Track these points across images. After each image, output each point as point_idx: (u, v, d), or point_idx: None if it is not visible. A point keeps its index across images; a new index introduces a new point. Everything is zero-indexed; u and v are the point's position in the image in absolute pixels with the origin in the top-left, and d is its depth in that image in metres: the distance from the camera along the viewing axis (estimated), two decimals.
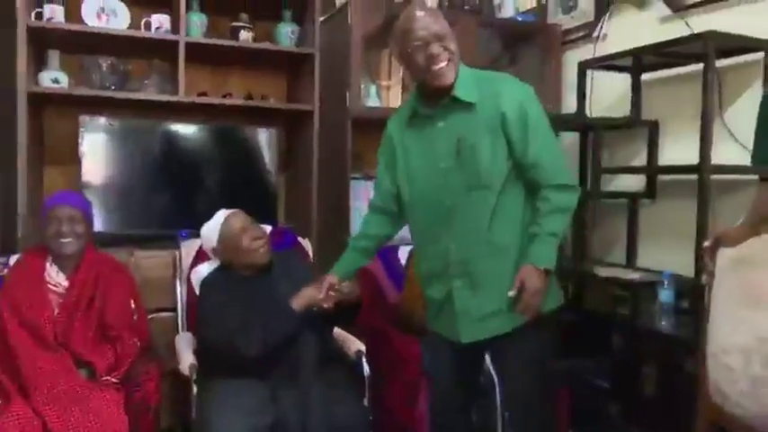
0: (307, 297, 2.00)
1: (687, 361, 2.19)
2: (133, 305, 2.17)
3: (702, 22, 2.57)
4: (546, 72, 3.32)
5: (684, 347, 2.21)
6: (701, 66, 2.34)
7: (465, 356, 1.86)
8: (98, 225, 2.51)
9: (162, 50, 2.76)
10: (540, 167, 1.71)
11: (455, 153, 1.74)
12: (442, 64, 1.69)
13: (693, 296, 2.37)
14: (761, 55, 2.36)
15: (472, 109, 1.73)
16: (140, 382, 1.96)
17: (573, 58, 3.26)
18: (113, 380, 1.94)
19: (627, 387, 2.54)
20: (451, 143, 1.75)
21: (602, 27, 3.08)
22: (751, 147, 2.29)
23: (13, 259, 2.26)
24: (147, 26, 2.67)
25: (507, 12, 3.32)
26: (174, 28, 2.68)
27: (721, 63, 2.44)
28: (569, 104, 3.15)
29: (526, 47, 3.48)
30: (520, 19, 3.31)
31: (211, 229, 2.23)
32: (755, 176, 1.77)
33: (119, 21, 2.65)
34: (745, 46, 2.35)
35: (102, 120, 2.70)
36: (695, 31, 2.54)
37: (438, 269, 1.83)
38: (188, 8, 2.70)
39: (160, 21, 2.67)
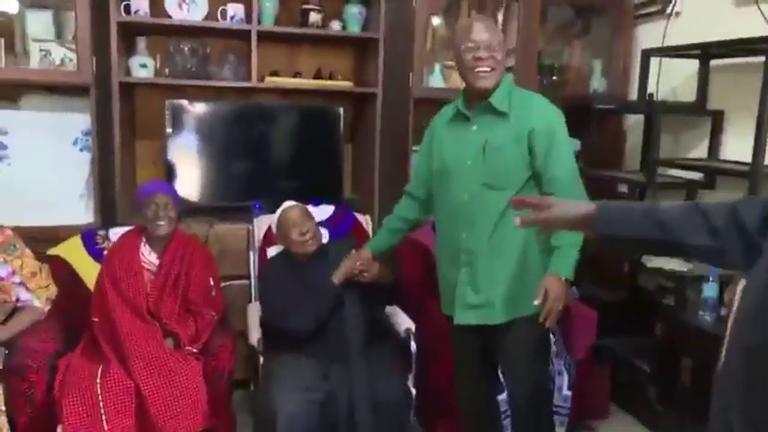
0: (343, 270, 2.28)
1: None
2: (212, 282, 2.48)
3: None
4: (616, 47, 3.29)
5: (721, 345, 2.31)
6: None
7: (475, 336, 2.07)
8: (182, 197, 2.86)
9: (237, 35, 2.97)
10: (558, 183, 1.87)
11: (481, 153, 1.93)
12: (486, 68, 1.89)
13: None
14: None
15: (504, 117, 1.92)
16: (217, 353, 2.29)
17: (645, 32, 3.22)
18: (194, 350, 2.27)
19: (665, 373, 2.67)
20: (480, 144, 1.94)
21: (674, 4, 3.01)
22: None
23: (111, 231, 2.64)
24: (224, 14, 2.87)
25: None
26: (248, 15, 2.87)
27: None
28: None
29: (598, 18, 3.44)
30: None
31: (274, 218, 2.50)
32: None
33: (198, 9, 2.86)
34: None
35: (185, 102, 2.96)
36: None
37: (451, 254, 2.05)
38: None
39: (235, 9, 2.86)
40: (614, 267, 3.08)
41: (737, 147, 2.68)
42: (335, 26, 3.09)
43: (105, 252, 2.56)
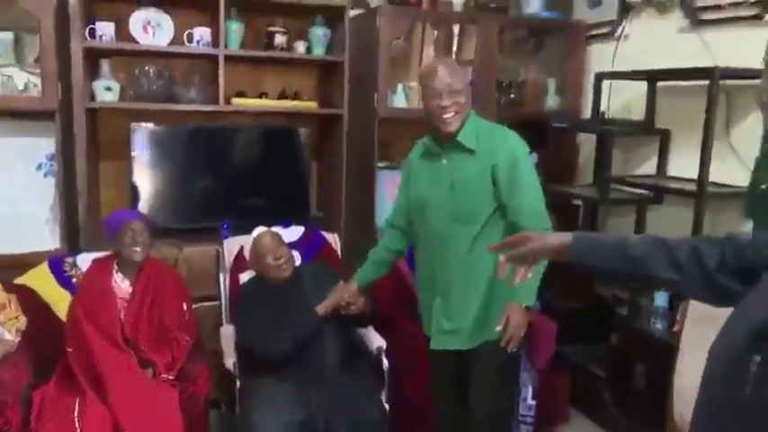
0: (329, 302, 2.35)
1: (672, 365, 2.46)
2: (185, 307, 2.51)
3: (716, 38, 2.68)
4: (568, 66, 3.44)
5: (671, 352, 2.48)
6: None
7: (450, 360, 2.17)
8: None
9: (203, 57, 3.00)
10: (523, 213, 1.97)
11: (449, 188, 2.03)
12: (450, 114, 1.99)
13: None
14: None
15: (472, 154, 2.02)
16: (193, 379, 2.33)
17: (596, 52, 3.39)
18: (170, 377, 2.30)
19: (620, 379, 2.83)
20: (448, 180, 2.04)
21: (624, 28, 3.18)
22: (751, 166, 2.50)
23: (79, 259, 2.63)
24: (190, 38, 2.89)
25: (533, 7, 3.41)
26: (215, 39, 2.90)
27: (731, 82, 2.58)
28: (592, 97, 3.24)
29: (551, 38, 3.59)
30: (544, 15, 3.41)
31: (247, 244, 2.56)
32: None
33: (164, 33, 2.87)
34: (751, 76, 2.47)
35: (151, 125, 2.97)
36: (708, 45, 2.68)
37: (427, 282, 2.16)
38: (227, 14, 2.90)
39: (201, 33, 2.89)
40: (572, 279, 3.23)
41: (683, 163, 2.85)
42: (300, 47, 3.14)
43: (74, 280, 2.56)
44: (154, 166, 3.02)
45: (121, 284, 2.44)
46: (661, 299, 2.69)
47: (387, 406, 2.42)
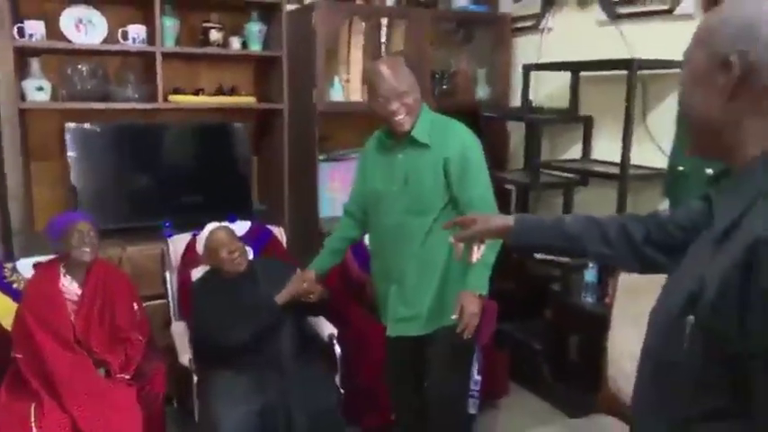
0: (289, 291, 2.42)
1: (603, 334, 2.67)
2: (136, 306, 2.51)
3: (634, 30, 2.89)
4: (496, 57, 3.61)
5: (602, 322, 2.68)
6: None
7: (407, 346, 2.28)
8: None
9: (137, 54, 2.97)
10: (473, 205, 2.07)
11: (404, 181, 2.12)
12: (401, 116, 2.06)
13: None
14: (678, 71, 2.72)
15: (425, 148, 2.10)
16: (150, 377, 2.35)
17: (522, 44, 3.56)
18: (126, 377, 2.31)
19: (556, 351, 3.04)
20: (403, 173, 2.12)
21: (547, 21, 3.37)
22: (667, 149, 2.73)
23: (19, 264, 2.58)
24: (125, 36, 2.86)
25: (461, 1, 3.55)
26: (150, 36, 2.88)
27: (648, 72, 2.79)
28: (519, 86, 3.38)
29: (479, 29, 3.74)
30: (472, 8, 3.55)
31: (200, 240, 2.58)
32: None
33: (96, 31, 2.83)
34: (665, 66, 2.69)
35: (86, 125, 2.92)
36: (626, 37, 2.89)
37: (383, 271, 2.26)
38: (161, 11, 2.88)
39: (137, 31, 2.86)
40: (506, 259, 3.41)
41: (606, 148, 3.07)
42: (236, 43, 3.16)
43: (15, 285, 2.52)
44: (91, 166, 2.97)
45: (70, 287, 2.41)
46: (590, 275, 2.90)
47: (342, 391, 2.52)
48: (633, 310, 1.99)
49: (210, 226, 2.60)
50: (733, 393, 0.83)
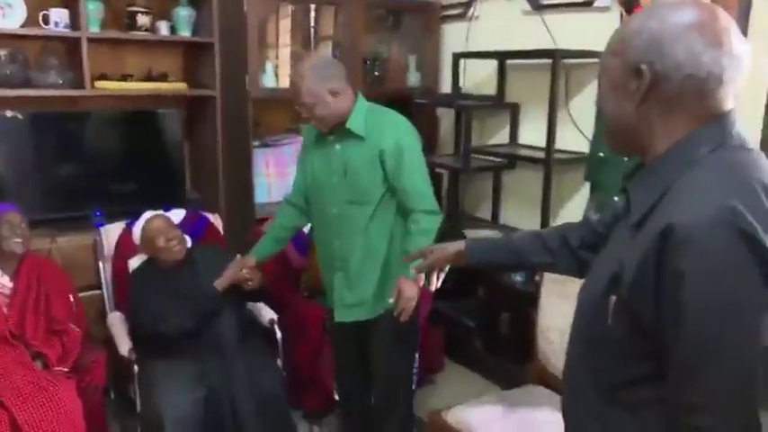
0: (227, 276, 2.43)
1: (532, 310, 2.83)
2: (72, 298, 2.47)
3: (556, 20, 3.04)
4: (426, 45, 3.70)
5: (530, 299, 2.84)
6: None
7: (353, 331, 2.36)
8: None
9: (60, 39, 2.87)
10: (410, 194, 2.15)
11: (343, 173, 2.17)
12: (314, 122, 2.15)
13: None
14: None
15: (361, 139, 2.15)
16: (90, 368, 2.32)
17: (451, 31, 3.67)
18: (65, 369, 2.28)
19: (488, 327, 3.19)
20: (342, 164, 2.17)
21: (474, 9, 3.48)
22: (588, 134, 2.90)
23: None
24: (46, 20, 2.76)
25: None
26: (74, 20, 2.79)
27: (570, 61, 2.95)
28: (449, 73, 3.49)
29: (409, 16, 3.82)
30: None
31: (137, 229, 2.55)
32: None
33: (15, 14, 2.71)
34: (586, 56, 2.85)
35: (8, 113, 2.81)
36: (549, 27, 3.03)
37: (327, 259, 2.32)
38: None
39: (59, 15, 2.76)
40: (439, 240, 3.53)
41: (532, 133, 3.22)
42: (164, 27, 3.10)
43: None
44: (15, 156, 2.87)
45: (1, 279, 2.34)
46: None
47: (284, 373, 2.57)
48: (559, 287, 2.15)
49: (147, 214, 2.58)
50: (654, 361, 0.94)
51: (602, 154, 2.63)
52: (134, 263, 2.63)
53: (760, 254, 0.84)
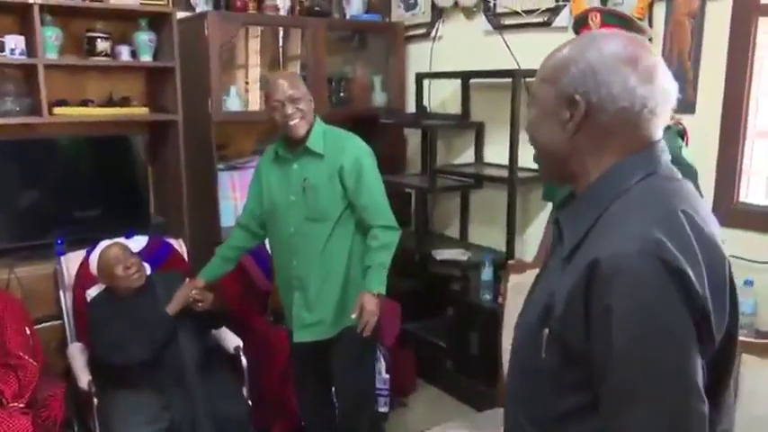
0: (177, 300, 2.42)
1: (499, 330, 2.84)
2: (28, 330, 2.42)
3: (517, 39, 3.09)
4: (391, 64, 3.72)
5: (498, 319, 2.85)
6: None
7: (312, 351, 2.35)
8: None
9: (17, 65, 2.85)
10: (369, 210, 2.21)
11: (302, 191, 2.20)
12: (295, 120, 2.17)
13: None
14: None
15: (320, 158, 2.20)
16: (47, 403, 2.28)
17: (415, 51, 3.70)
18: (20, 405, 2.23)
19: (458, 347, 3.19)
20: (300, 182, 2.21)
21: (437, 29, 3.52)
22: None
23: None
24: (1, 46, 2.73)
25: (355, 9, 3.65)
26: (30, 47, 2.76)
27: (531, 79, 2.98)
28: (413, 92, 3.56)
29: (373, 36, 3.85)
30: (365, 17, 3.66)
31: (93, 259, 2.52)
32: None
33: None
34: None
35: None
36: (510, 49, 3.08)
37: (285, 280, 2.33)
38: (41, 21, 2.76)
39: (15, 41, 2.74)
40: (409, 261, 3.54)
41: (497, 152, 3.25)
42: (125, 53, 3.08)
43: None
44: None
45: None
46: (486, 274, 3.07)
47: (249, 402, 2.54)
48: (521, 306, 2.15)
49: (103, 243, 2.56)
50: (588, 393, 0.93)
51: None
52: (92, 292, 2.59)
53: (686, 290, 0.85)
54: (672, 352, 0.85)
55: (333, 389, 2.48)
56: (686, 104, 2.43)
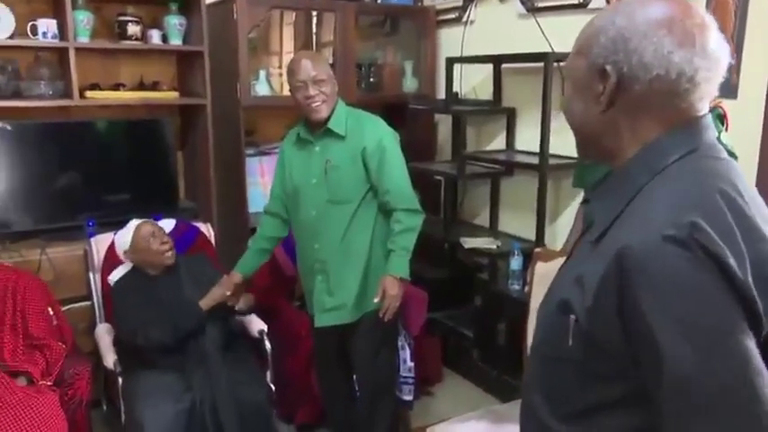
0: (212, 296, 2.41)
1: (526, 320, 2.77)
2: (51, 311, 2.45)
3: (550, 23, 2.99)
4: (422, 50, 3.65)
5: (525, 309, 2.79)
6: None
7: (334, 335, 2.33)
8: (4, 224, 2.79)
9: (50, 49, 2.87)
10: (392, 193, 2.17)
11: (323, 173, 2.17)
12: (317, 103, 2.14)
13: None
14: None
15: (342, 139, 2.17)
16: (73, 382, 2.30)
17: (447, 36, 3.63)
18: (48, 383, 2.26)
19: (485, 337, 3.13)
20: (322, 164, 2.18)
21: (469, 13, 3.44)
22: None
23: None
24: (34, 30, 2.76)
25: None
26: (62, 31, 2.78)
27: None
28: (444, 78, 3.44)
29: (405, 21, 3.78)
30: (397, 1, 3.59)
31: (124, 235, 2.55)
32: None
33: (3, 25, 2.71)
34: None
35: None
36: (544, 32, 2.97)
37: (307, 263, 2.31)
38: (73, 5, 2.79)
39: (47, 25, 2.76)
40: (437, 249, 3.49)
41: (528, 139, 3.16)
42: (156, 36, 3.09)
43: None
44: (6, 167, 2.86)
45: None
46: (515, 263, 2.99)
47: (272, 387, 2.53)
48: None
49: (136, 222, 2.57)
50: (619, 386, 0.86)
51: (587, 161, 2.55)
52: (115, 276, 2.59)
53: (728, 275, 0.77)
54: (731, 345, 0.77)
55: (354, 376, 2.46)
56: (728, 88, 2.31)
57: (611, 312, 0.82)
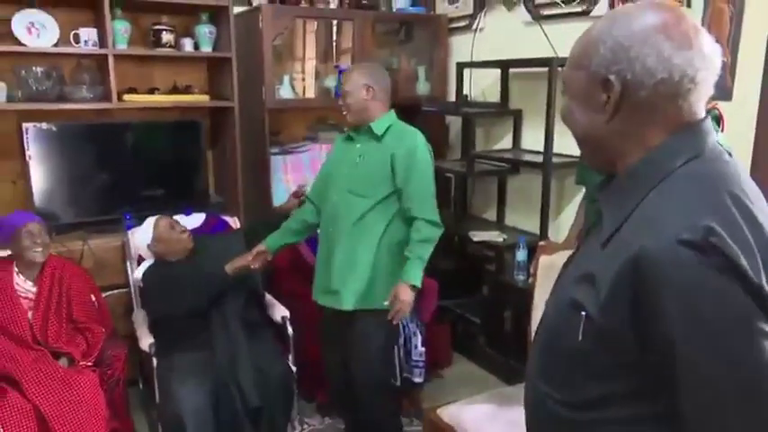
0: (238, 261, 2.41)
1: (530, 308, 2.75)
2: (93, 298, 2.47)
3: (555, 30, 2.95)
4: (434, 55, 3.63)
5: (531, 298, 2.76)
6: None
7: (336, 320, 2.29)
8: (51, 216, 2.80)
9: (91, 55, 2.89)
10: (415, 201, 2.13)
11: (354, 165, 2.20)
12: (345, 112, 2.23)
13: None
14: None
15: (378, 140, 2.19)
16: (111, 363, 2.32)
17: (458, 42, 3.60)
18: (89, 364, 2.28)
19: (492, 324, 3.12)
20: (355, 157, 2.21)
21: (479, 21, 3.40)
22: None
23: None
24: (76, 38, 2.77)
25: (401, 2, 3.56)
26: (102, 39, 2.80)
27: None
28: (455, 82, 3.45)
29: (419, 29, 3.75)
30: (411, 9, 3.57)
31: (145, 231, 2.60)
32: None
33: (48, 33, 2.73)
34: None
35: (43, 125, 2.83)
36: (549, 38, 2.94)
37: (324, 247, 2.30)
38: (112, 15, 2.80)
39: (88, 34, 2.77)
40: (447, 242, 3.46)
41: (533, 139, 3.14)
42: (188, 44, 3.10)
43: None
44: (51, 164, 2.89)
45: (24, 285, 2.34)
46: (521, 255, 2.97)
47: (294, 368, 2.53)
48: (550, 286, 2.05)
49: (151, 219, 2.63)
50: (626, 381, 0.84)
51: None
52: (139, 271, 2.61)
53: (743, 276, 0.74)
54: (753, 344, 0.75)
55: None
56: (723, 91, 2.26)
57: (626, 313, 0.80)
